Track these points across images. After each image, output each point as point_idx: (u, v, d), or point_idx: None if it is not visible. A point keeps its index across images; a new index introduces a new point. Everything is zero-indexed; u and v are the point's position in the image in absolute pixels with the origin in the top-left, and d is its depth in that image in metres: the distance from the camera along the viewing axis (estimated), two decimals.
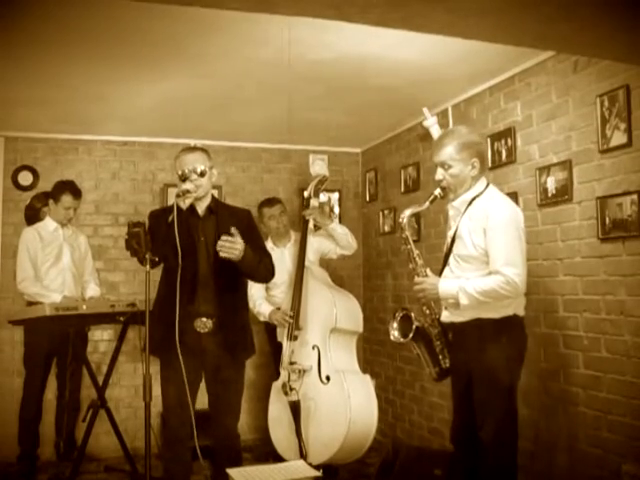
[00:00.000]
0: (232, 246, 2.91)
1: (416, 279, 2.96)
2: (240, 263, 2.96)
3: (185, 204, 2.99)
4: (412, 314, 3.02)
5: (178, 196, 2.99)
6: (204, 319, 3.05)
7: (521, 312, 2.88)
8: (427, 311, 3.02)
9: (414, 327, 2.97)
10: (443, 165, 2.89)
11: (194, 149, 3.20)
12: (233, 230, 2.94)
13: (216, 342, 3.06)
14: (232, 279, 3.11)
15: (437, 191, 2.94)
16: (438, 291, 2.86)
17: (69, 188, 4.40)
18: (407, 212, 3.01)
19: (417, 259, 2.98)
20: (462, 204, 2.91)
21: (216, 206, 3.20)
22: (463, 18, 2.11)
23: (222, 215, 3.17)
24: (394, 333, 3.06)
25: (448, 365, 3.01)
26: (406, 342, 3.02)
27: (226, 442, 3.17)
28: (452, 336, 3.00)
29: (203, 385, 3.18)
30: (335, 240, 4.47)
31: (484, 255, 2.78)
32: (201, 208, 3.14)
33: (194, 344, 3.02)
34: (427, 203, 2.96)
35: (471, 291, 2.74)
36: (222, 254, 2.92)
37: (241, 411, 3.27)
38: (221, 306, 3.07)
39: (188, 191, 2.99)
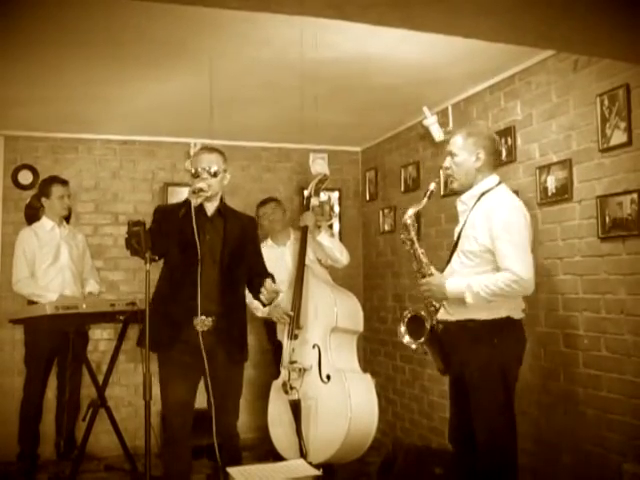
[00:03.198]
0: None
1: (421, 280, 2.90)
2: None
3: (196, 202, 3.01)
4: (422, 314, 2.91)
5: (194, 192, 2.99)
6: (203, 317, 3.04)
7: (517, 315, 2.83)
8: (432, 308, 2.91)
9: (428, 328, 2.86)
10: (451, 153, 2.93)
11: (213, 150, 3.21)
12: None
13: (215, 341, 3.06)
14: (235, 281, 3.15)
15: (432, 186, 2.96)
16: (446, 291, 2.81)
17: (55, 179, 4.45)
18: (410, 212, 2.97)
19: (422, 258, 2.93)
20: (470, 199, 2.89)
21: (225, 209, 3.22)
22: (463, 18, 2.11)
23: (230, 218, 3.20)
24: (405, 337, 2.94)
25: None
26: (418, 346, 2.91)
27: (226, 441, 3.16)
28: (444, 335, 2.90)
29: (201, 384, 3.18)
30: (324, 251, 4.41)
31: (485, 252, 2.76)
32: (210, 209, 3.15)
33: (193, 342, 3.01)
34: (425, 199, 2.96)
35: (477, 289, 2.69)
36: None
37: (241, 410, 3.27)
38: (222, 305, 3.08)
39: (202, 189, 3.00)
